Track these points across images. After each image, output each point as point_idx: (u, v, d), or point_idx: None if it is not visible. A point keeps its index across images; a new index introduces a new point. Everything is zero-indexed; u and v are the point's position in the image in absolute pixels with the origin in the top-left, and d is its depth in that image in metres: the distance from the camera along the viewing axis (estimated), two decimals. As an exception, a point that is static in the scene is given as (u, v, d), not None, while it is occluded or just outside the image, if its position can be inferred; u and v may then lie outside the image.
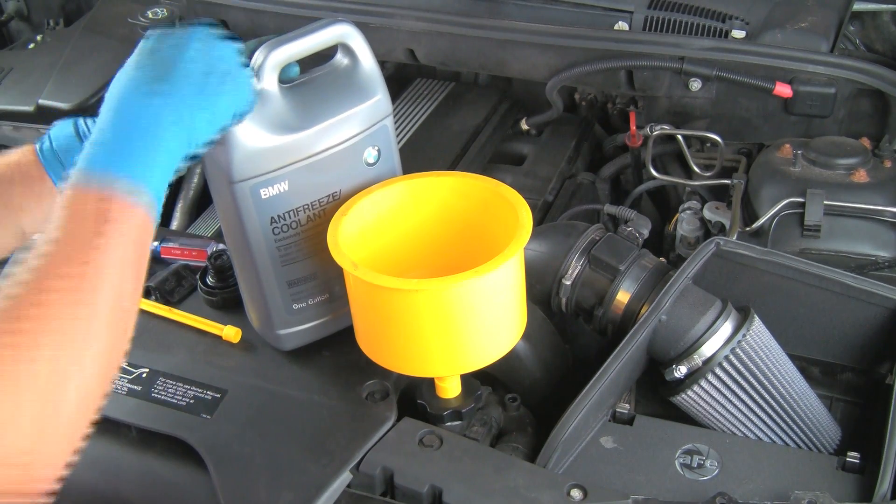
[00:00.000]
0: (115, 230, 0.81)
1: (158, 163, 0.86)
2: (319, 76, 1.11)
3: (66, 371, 0.76)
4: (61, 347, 0.76)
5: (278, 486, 1.03)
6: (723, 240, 1.24)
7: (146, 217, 0.84)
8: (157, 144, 0.86)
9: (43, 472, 0.76)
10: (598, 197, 1.79)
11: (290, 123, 1.05)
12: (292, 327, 1.17)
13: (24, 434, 0.73)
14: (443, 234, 1.14)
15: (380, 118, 1.12)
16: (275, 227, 1.09)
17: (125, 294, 0.82)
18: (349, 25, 1.09)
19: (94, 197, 0.82)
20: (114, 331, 0.80)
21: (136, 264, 0.84)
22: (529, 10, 1.77)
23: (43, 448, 0.75)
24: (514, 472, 1.03)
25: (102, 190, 0.82)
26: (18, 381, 0.73)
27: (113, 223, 0.81)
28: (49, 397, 0.74)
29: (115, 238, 0.81)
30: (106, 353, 0.79)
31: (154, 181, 0.85)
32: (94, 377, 0.78)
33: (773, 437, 1.18)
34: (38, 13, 2.29)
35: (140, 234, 0.84)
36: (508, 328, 1.07)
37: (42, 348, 0.74)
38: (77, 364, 0.77)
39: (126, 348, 0.83)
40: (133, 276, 0.83)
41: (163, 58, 0.89)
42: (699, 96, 1.63)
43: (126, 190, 0.82)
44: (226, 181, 1.05)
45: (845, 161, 1.43)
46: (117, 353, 0.82)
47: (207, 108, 0.90)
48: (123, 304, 0.82)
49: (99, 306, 0.79)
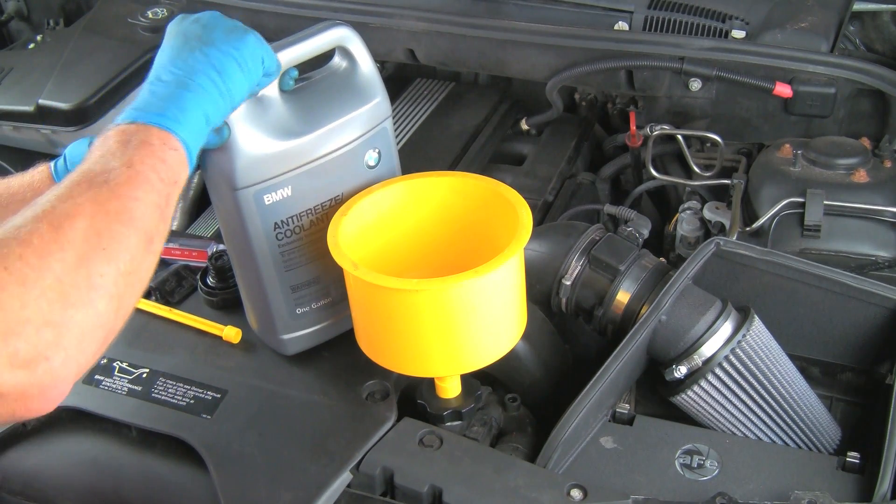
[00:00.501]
0: (150, 153, 0.83)
1: (191, 110, 0.88)
2: (319, 80, 1.11)
3: (90, 280, 0.76)
4: (87, 257, 0.76)
5: (278, 486, 1.03)
6: (723, 240, 1.24)
7: (179, 150, 0.86)
8: (194, 97, 0.89)
9: (53, 381, 0.74)
10: (598, 197, 1.79)
11: (292, 129, 1.05)
12: (295, 332, 1.17)
13: (37, 339, 0.72)
14: (443, 234, 1.14)
15: (380, 120, 1.12)
16: (278, 233, 1.09)
17: (151, 225, 0.82)
18: (347, 29, 1.09)
19: (131, 129, 0.85)
20: (135, 258, 0.80)
21: (166, 197, 0.84)
22: (529, 10, 1.77)
23: (53, 355, 0.74)
24: (514, 472, 1.03)
25: (132, 127, 0.85)
26: (40, 285, 0.73)
27: (145, 146, 0.83)
28: (60, 310, 0.74)
29: (149, 161, 0.83)
30: (128, 274, 0.79)
31: (186, 129, 0.87)
32: (110, 296, 0.78)
33: (773, 437, 1.18)
34: (38, 13, 2.29)
35: (173, 166, 0.85)
36: (508, 328, 1.07)
37: (67, 256, 0.75)
38: (99, 276, 0.77)
39: (148, 278, 0.83)
40: (161, 209, 0.83)
41: (189, 29, 0.94)
42: (699, 96, 1.63)
43: (164, 127, 0.85)
44: (229, 188, 1.05)
45: (845, 161, 1.43)
46: (140, 277, 0.82)
47: (235, 59, 0.93)
48: (149, 234, 0.82)
49: (129, 228, 0.79)
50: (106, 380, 1.18)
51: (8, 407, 0.74)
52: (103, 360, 1.20)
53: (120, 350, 1.22)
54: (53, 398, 0.76)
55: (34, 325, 0.72)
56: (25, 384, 0.73)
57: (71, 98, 1.77)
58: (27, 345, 0.72)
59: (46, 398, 0.75)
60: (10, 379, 0.72)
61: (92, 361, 0.78)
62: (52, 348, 0.73)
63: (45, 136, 1.79)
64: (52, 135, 1.78)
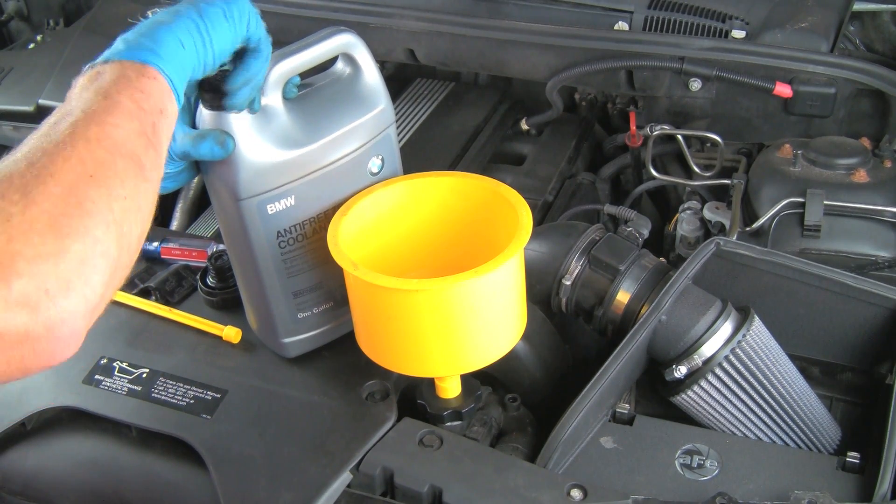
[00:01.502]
0: (126, 84, 0.80)
1: (169, 46, 0.85)
2: (322, 87, 1.10)
3: (81, 207, 0.72)
4: (73, 185, 0.72)
5: (278, 486, 1.03)
6: (723, 240, 1.24)
7: (158, 79, 0.83)
8: (168, 29, 0.86)
9: (59, 317, 0.70)
10: (598, 197, 1.79)
11: (295, 138, 1.04)
12: (296, 335, 1.17)
13: (32, 271, 0.68)
14: (443, 234, 1.14)
15: (384, 127, 1.11)
16: (281, 241, 1.09)
17: (138, 150, 0.78)
18: (352, 35, 1.08)
19: (110, 66, 0.81)
20: (126, 183, 0.76)
21: (151, 126, 0.81)
22: (529, 10, 1.77)
23: (54, 288, 0.69)
24: (514, 472, 1.03)
25: (105, 66, 0.82)
26: (27, 218, 0.69)
27: (120, 78, 0.80)
28: (53, 240, 0.70)
29: (126, 91, 0.79)
30: (123, 199, 0.75)
31: (165, 61, 0.84)
32: (106, 223, 0.74)
33: (773, 437, 1.18)
34: (38, 13, 2.29)
35: (153, 95, 0.82)
36: (508, 328, 1.07)
37: (51, 187, 0.71)
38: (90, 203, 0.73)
39: (148, 208, 0.80)
40: (146, 136, 0.80)
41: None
42: (699, 96, 1.63)
43: (138, 59, 0.82)
44: (232, 198, 1.04)
45: (845, 161, 1.44)
46: (138, 204, 0.78)
47: (220, 11, 0.90)
48: (138, 160, 0.78)
49: (113, 154, 0.76)
50: (106, 380, 1.18)
51: (16, 354, 0.69)
52: (103, 360, 1.20)
53: (120, 350, 1.22)
54: (64, 338, 0.71)
55: (25, 258, 0.68)
56: (28, 323, 0.68)
57: (71, 98, 1.77)
58: (21, 280, 0.67)
59: (56, 338, 0.70)
60: (11, 320, 0.67)
61: (101, 295, 0.73)
62: (51, 280, 0.69)
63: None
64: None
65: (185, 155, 0.99)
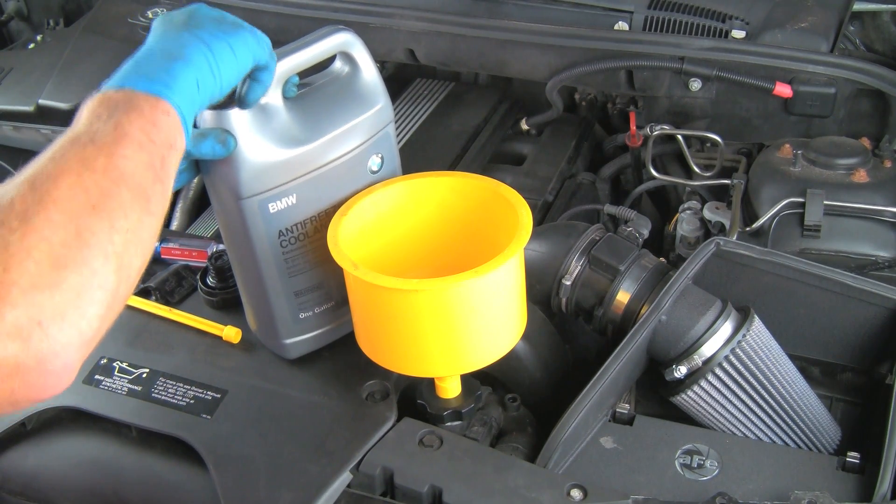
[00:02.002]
0: (139, 116, 0.79)
1: (182, 77, 0.85)
2: (321, 85, 1.10)
3: (81, 238, 0.71)
4: (75, 214, 0.71)
5: (278, 486, 1.03)
6: (723, 240, 1.24)
7: (171, 113, 0.83)
8: (184, 65, 0.86)
9: (50, 350, 0.68)
10: (598, 197, 1.79)
11: (296, 137, 1.05)
12: (298, 336, 1.17)
13: (26, 302, 0.67)
14: (443, 234, 1.14)
15: (383, 126, 1.12)
16: (282, 240, 1.09)
17: (145, 183, 0.78)
18: (350, 34, 1.08)
19: (123, 95, 0.81)
20: (129, 216, 0.75)
21: (160, 159, 0.80)
22: (529, 10, 1.77)
23: (47, 321, 0.68)
24: (514, 472, 1.03)
25: (120, 93, 0.81)
26: (24, 246, 0.68)
27: (134, 110, 0.80)
28: (49, 271, 0.68)
29: (138, 123, 0.79)
30: (126, 232, 0.75)
31: (179, 95, 0.84)
32: (105, 255, 0.73)
33: (773, 437, 1.18)
34: (38, 13, 2.29)
35: (165, 129, 0.82)
36: (508, 328, 1.07)
37: (53, 215, 0.70)
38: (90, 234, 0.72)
39: (150, 242, 0.79)
40: (155, 169, 0.79)
41: (179, 18, 0.92)
42: (699, 96, 1.63)
43: (153, 92, 0.82)
44: (233, 197, 1.04)
45: (845, 161, 1.43)
46: (140, 237, 0.77)
47: (228, 45, 0.91)
48: (144, 192, 0.77)
49: (119, 186, 0.75)
50: (106, 380, 1.18)
51: (5, 386, 0.67)
52: (103, 360, 1.20)
53: (120, 350, 1.22)
54: (56, 372, 0.69)
55: (20, 287, 0.66)
56: (20, 355, 0.66)
57: (71, 98, 1.77)
58: (15, 310, 0.66)
59: (47, 371, 0.68)
60: (1, 351, 0.66)
61: (97, 328, 0.72)
62: (44, 312, 0.67)
63: (46, 136, 1.79)
64: (52, 135, 1.77)
65: (186, 154, 0.99)
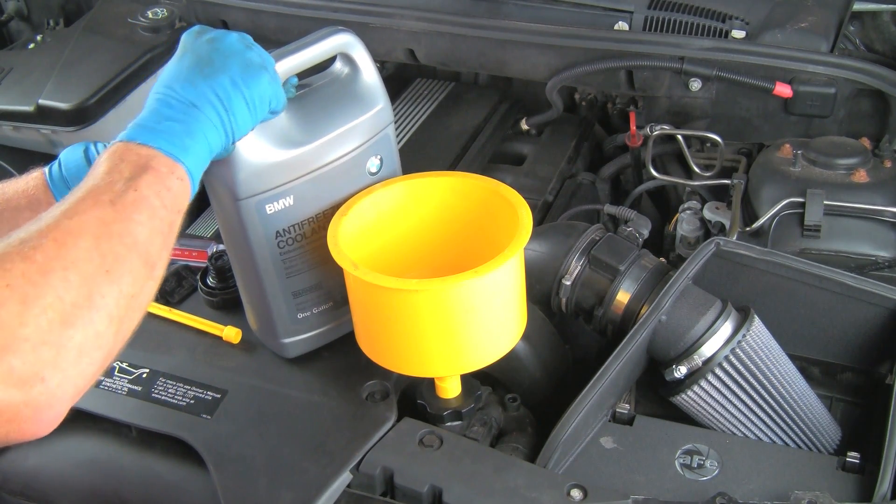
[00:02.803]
0: (157, 180, 0.83)
1: (198, 140, 0.88)
2: (321, 86, 1.10)
3: (92, 301, 0.75)
4: (90, 277, 0.75)
5: (278, 486, 1.03)
6: (723, 240, 1.24)
7: (185, 179, 0.86)
8: (202, 130, 0.89)
9: (48, 402, 0.73)
10: (598, 197, 1.79)
11: (294, 138, 1.05)
12: (296, 336, 1.17)
13: (34, 358, 0.71)
14: (443, 234, 1.14)
15: (382, 127, 1.11)
16: (280, 241, 1.09)
17: (153, 250, 0.82)
18: (350, 35, 1.08)
19: (141, 152, 0.84)
20: (137, 281, 0.80)
21: (169, 224, 0.84)
22: (529, 10, 1.76)
23: (50, 375, 0.72)
24: (514, 472, 1.03)
25: (141, 150, 0.84)
26: (41, 303, 0.72)
27: (152, 171, 0.83)
28: (59, 329, 0.73)
29: (155, 188, 0.82)
30: (129, 297, 0.79)
31: (192, 158, 0.87)
32: (110, 317, 0.77)
33: (773, 437, 1.18)
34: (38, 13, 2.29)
35: (178, 195, 0.85)
36: (508, 328, 1.07)
37: (70, 275, 0.74)
38: (100, 297, 0.76)
39: (147, 304, 0.83)
40: (163, 235, 0.83)
41: (204, 52, 0.93)
42: (699, 96, 1.63)
43: (172, 156, 0.85)
44: (231, 198, 1.05)
45: (845, 161, 1.43)
46: (140, 302, 0.81)
47: (244, 98, 0.93)
48: (151, 258, 0.81)
49: (131, 251, 0.79)
50: (106, 380, 1.18)
51: (2, 429, 0.72)
52: (103, 361, 1.20)
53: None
54: (48, 420, 0.74)
55: (32, 343, 0.71)
56: (19, 404, 0.71)
57: (71, 98, 1.77)
58: (23, 363, 0.71)
59: (40, 420, 0.74)
60: (5, 398, 0.70)
61: (89, 383, 0.78)
62: (48, 368, 0.72)
63: (46, 136, 1.79)
64: (52, 135, 1.78)
65: None
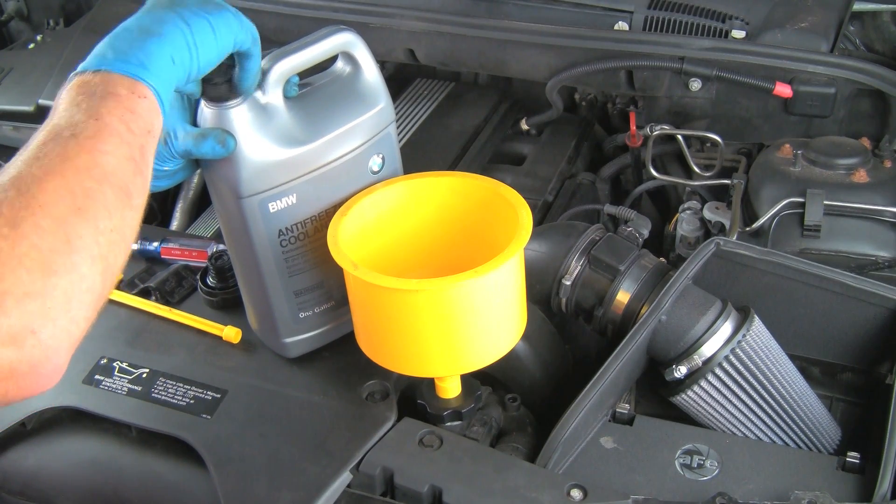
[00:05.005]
0: (118, 104, 0.79)
1: (156, 56, 0.85)
2: (322, 85, 1.10)
3: (69, 243, 0.72)
4: (62, 219, 0.72)
5: (278, 486, 1.03)
6: (723, 240, 1.24)
7: (149, 97, 0.82)
8: (159, 41, 0.85)
9: (44, 355, 0.71)
10: (598, 197, 1.79)
11: (297, 136, 1.04)
12: (298, 335, 1.17)
13: (20, 311, 0.69)
14: (443, 234, 1.14)
15: (384, 126, 1.11)
16: (282, 240, 1.09)
17: (126, 177, 0.78)
18: (352, 34, 1.08)
19: (100, 78, 0.81)
20: (114, 214, 0.76)
21: (139, 148, 0.80)
22: (529, 10, 1.77)
23: (40, 327, 0.70)
24: (514, 472, 1.03)
25: (96, 76, 0.81)
26: (16, 254, 0.69)
27: (111, 97, 0.80)
28: (41, 278, 0.70)
29: (117, 112, 0.79)
30: (109, 232, 0.76)
31: (154, 75, 0.84)
32: (92, 257, 0.74)
33: (773, 437, 1.18)
34: (38, 13, 2.29)
35: (144, 116, 0.81)
36: (508, 328, 1.07)
37: (41, 221, 0.71)
38: (78, 238, 0.73)
39: (132, 235, 0.80)
40: (135, 161, 0.79)
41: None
42: (699, 96, 1.63)
43: (129, 74, 0.82)
44: (233, 197, 1.04)
45: (845, 161, 1.43)
46: (123, 235, 0.78)
47: (207, 23, 0.89)
48: (125, 187, 0.78)
49: (102, 184, 0.76)
50: (106, 380, 1.18)
51: (0, 388, 0.70)
52: (103, 360, 1.20)
53: (120, 350, 1.22)
54: (48, 374, 0.72)
55: (15, 297, 0.68)
56: (13, 361, 0.69)
57: (71, 98, 1.77)
58: (10, 319, 0.68)
59: (39, 374, 0.71)
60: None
61: (84, 329, 0.74)
62: (37, 320, 0.70)
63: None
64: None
65: (186, 154, 0.99)
